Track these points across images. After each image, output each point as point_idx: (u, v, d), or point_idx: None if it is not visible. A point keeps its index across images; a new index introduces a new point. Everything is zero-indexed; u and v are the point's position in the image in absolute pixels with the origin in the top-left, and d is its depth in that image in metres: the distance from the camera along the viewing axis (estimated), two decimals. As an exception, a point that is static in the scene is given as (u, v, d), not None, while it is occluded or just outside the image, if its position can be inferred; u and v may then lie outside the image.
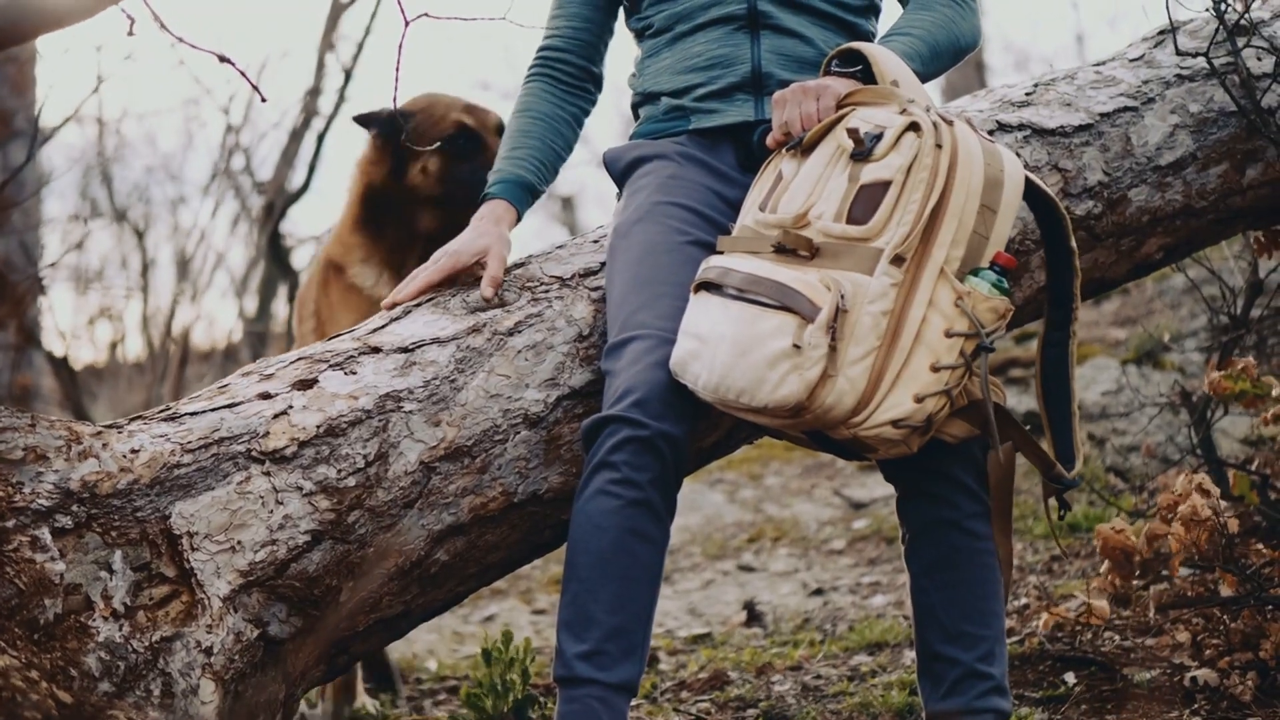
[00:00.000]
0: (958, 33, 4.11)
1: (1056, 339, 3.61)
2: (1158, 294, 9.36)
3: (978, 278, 3.30)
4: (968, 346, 3.28)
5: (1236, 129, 4.66)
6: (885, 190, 3.36)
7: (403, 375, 3.69)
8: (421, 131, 4.35)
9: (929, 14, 4.09)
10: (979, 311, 3.27)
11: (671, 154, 4.11)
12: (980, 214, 3.33)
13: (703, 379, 3.43)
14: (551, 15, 4.39)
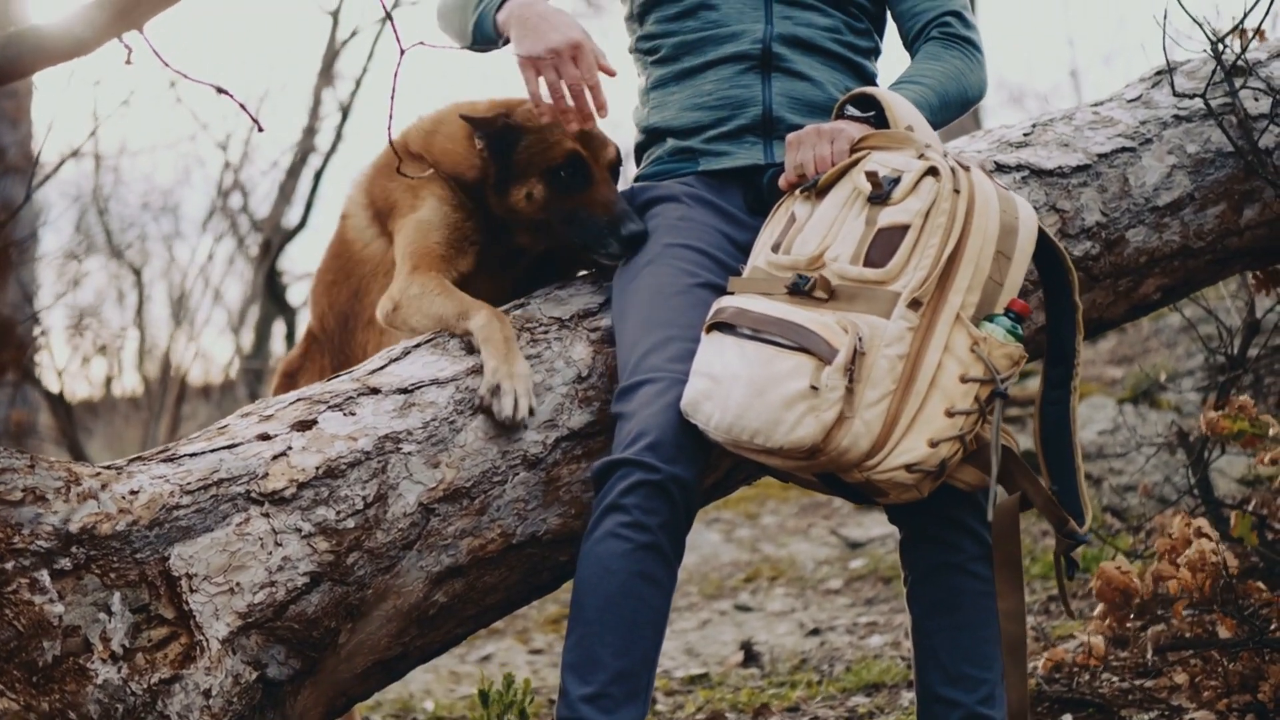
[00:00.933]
0: (966, 84, 4.13)
1: (1057, 397, 3.60)
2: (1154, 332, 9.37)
3: (993, 324, 3.31)
4: (982, 392, 3.29)
5: (1234, 169, 4.67)
6: (903, 234, 3.37)
7: (402, 416, 3.69)
8: (532, 153, 4.10)
9: (939, 64, 4.11)
10: (994, 357, 3.28)
11: (680, 196, 4.12)
12: (995, 260, 3.34)
13: (715, 419, 3.43)
14: None
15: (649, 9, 4.35)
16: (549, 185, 4.03)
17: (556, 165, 4.03)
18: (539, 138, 4.06)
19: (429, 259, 4.11)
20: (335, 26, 14.38)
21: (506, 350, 3.80)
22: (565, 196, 4.02)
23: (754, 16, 4.20)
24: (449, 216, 4.18)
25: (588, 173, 4.04)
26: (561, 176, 4.02)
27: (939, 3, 4.25)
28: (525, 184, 4.05)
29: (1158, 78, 4.93)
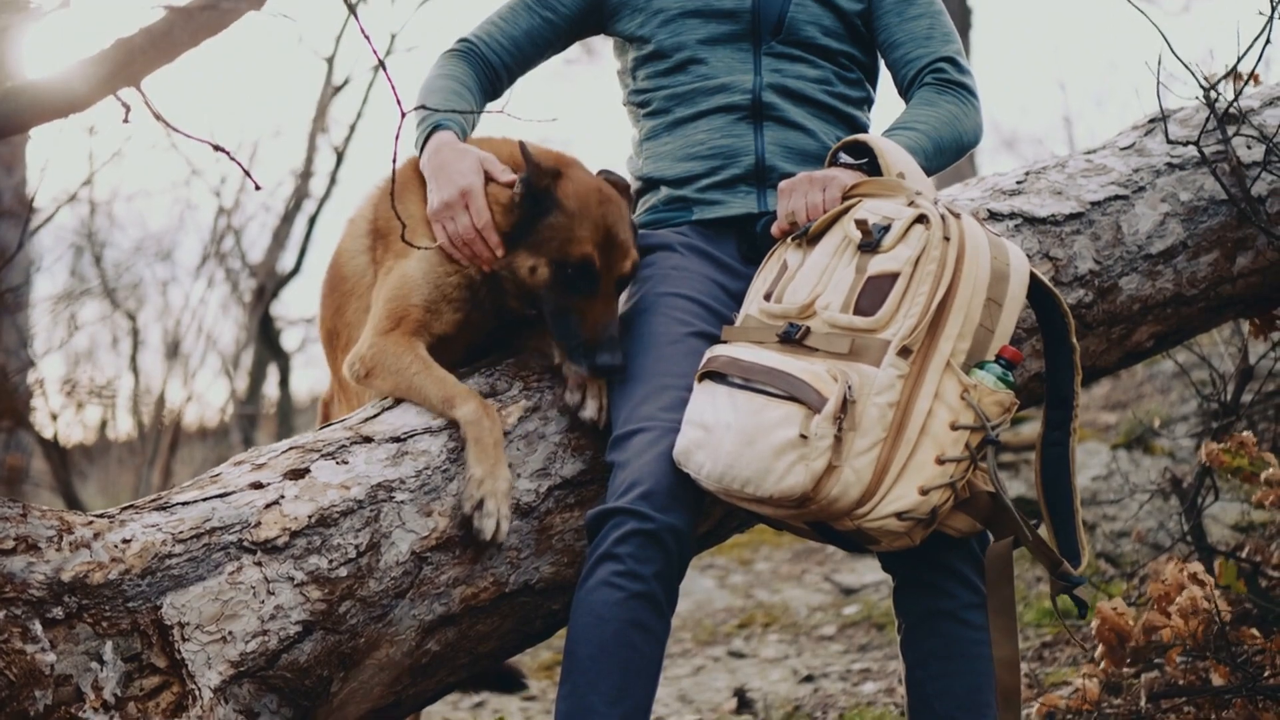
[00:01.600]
0: (961, 130, 4.14)
1: (1057, 439, 3.61)
2: (1148, 378, 9.39)
3: (983, 371, 3.32)
4: (973, 439, 3.29)
5: (1227, 217, 4.68)
6: (893, 282, 3.38)
7: (395, 465, 3.69)
8: (554, 234, 3.90)
9: (934, 109, 4.12)
10: (985, 405, 3.28)
11: (674, 244, 4.13)
12: (986, 307, 3.35)
13: (707, 468, 3.43)
14: (493, 21, 4.45)
15: (640, 64, 4.38)
16: (554, 274, 3.89)
17: (568, 261, 3.88)
18: (567, 223, 3.90)
19: (406, 321, 4.00)
20: (330, 72, 14.44)
21: (495, 457, 3.73)
22: (564, 292, 3.89)
23: (743, 69, 4.22)
24: (435, 273, 4.03)
25: (594, 282, 3.89)
26: (568, 273, 3.88)
27: (933, 49, 4.26)
28: (534, 258, 3.91)
29: (1151, 125, 4.95)
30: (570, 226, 3.88)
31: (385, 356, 3.92)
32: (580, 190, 3.93)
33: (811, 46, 4.26)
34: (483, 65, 4.34)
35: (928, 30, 4.30)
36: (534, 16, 4.37)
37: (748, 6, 4.24)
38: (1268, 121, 4.91)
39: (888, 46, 4.33)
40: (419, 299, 3.99)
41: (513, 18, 4.39)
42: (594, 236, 3.88)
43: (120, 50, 2.61)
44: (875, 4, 4.34)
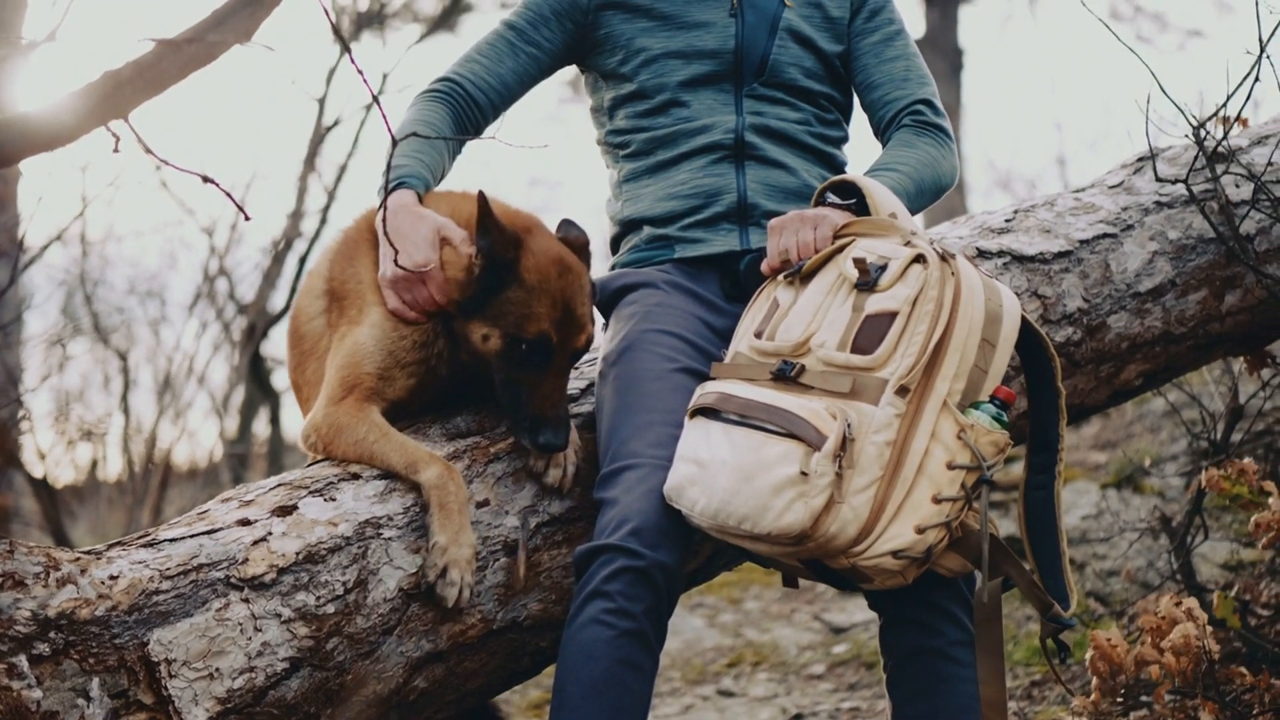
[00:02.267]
0: (940, 171, 4.16)
1: (1041, 483, 3.61)
2: (1138, 418, 9.40)
3: (979, 411, 3.34)
4: (969, 479, 3.30)
5: (1215, 255, 4.70)
6: (891, 321, 3.39)
7: (382, 502, 3.69)
8: (511, 308, 3.83)
9: (913, 151, 4.14)
10: (981, 444, 3.30)
11: (658, 282, 4.13)
12: (981, 348, 3.37)
13: (701, 504, 3.43)
14: (474, 58, 4.42)
15: (619, 105, 4.38)
16: (507, 346, 3.82)
17: (523, 337, 3.80)
18: (526, 298, 3.82)
19: (359, 389, 3.93)
20: (321, 113, 14.46)
21: (460, 523, 3.67)
22: (516, 365, 3.82)
23: (725, 111, 4.24)
24: (388, 339, 3.96)
25: (548, 359, 3.83)
26: (522, 349, 3.81)
27: (910, 91, 4.29)
28: (489, 328, 3.83)
29: (1139, 164, 4.97)
30: (529, 302, 3.82)
31: (341, 426, 3.87)
32: (541, 263, 3.85)
33: (793, 89, 4.28)
34: (465, 105, 4.32)
35: (904, 72, 4.33)
36: (517, 53, 4.37)
37: (730, 48, 4.26)
38: (1256, 160, 4.94)
39: (865, 87, 4.36)
40: (371, 367, 3.94)
41: (495, 55, 4.39)
42: (552, 314, 3.82)
43: (108, 83, 2.62)
44: (854, 46, 4.37)
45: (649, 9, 4.32)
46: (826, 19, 4.34)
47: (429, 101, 4.33)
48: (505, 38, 4.41)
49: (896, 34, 4.38)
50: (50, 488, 9.99)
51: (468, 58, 4.42)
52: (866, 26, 4.37)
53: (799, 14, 4.31)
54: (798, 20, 4.30)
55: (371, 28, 15.45)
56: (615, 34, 4.35)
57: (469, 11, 19.03)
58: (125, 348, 13.70)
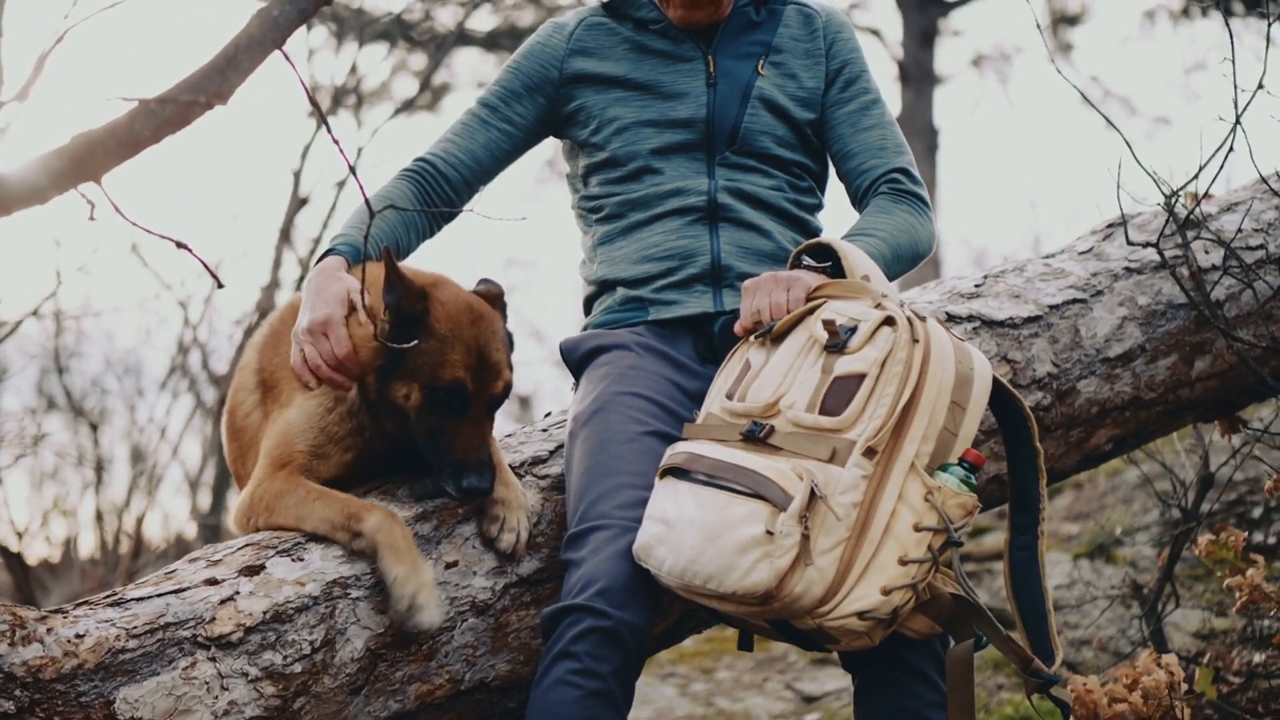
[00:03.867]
0: (916, 238, 4.18)
1: (1025, 543, 3.63)
2: (1110, 489, 9.40)
3: (947, 473, 3.34)
4: (935, 541, 3.30)
5: (1185, 321, 4.72)
6: (859, 383, 3.40)
7: (350, 563, 3.68)
8: (425, 360, 3.82)
9: (890, 217, 4.17)
10: (948, 507, 3.30)
11: (630, 344, 4.14)
12: (950, 411, 3.38)
13: (668, 564, 3.43)
14: (448, 138, 4.44)
15: (592, 171, 4.40)
16: (425, 397, 3.81)
17: (439, 385, 3.80)
18: (438, 347, 3.82)
19: (291, 465, 3.92)
20: (296, 186, 14.49)
21: (412, 556, 3.67)
22: (436, 415, 3.82)
23: (697, 176, 4.26)
24: (316, 414, 3.97)
25: (465, 406, 3.82)
26: (440, 397, 3.80)
27: (887, 160, 4.31)
28: (406, 384, 3.82)
29: (1109, 230, 5.00)
30: (442, 350, 3.81)
31: (273, 495, 3.85)
32: (451, 311, 3.86)
33: (765, 156, 4.30)
34: (433, 182, 4.34)
35: (881, 141, 4.35)
36: (490, 130, 4.39)
37: (702, 116, 4.28)
38: (1225, 226, 4.97)
39: (841, 156, 4.38)
40: (304, 445, 3.93)
41: (467, 132, 4.41)
42: (465, 360, 3.82)
43: (80, 144, 2.61)
44: (829, 115, 4.39)
45: (623, 79, 4.35)
46: (801, 88, 4.37)
47: (396, 180, 4.36)
48: (478, 115, 4.45)
49: (873, 103, 4.41)
50: (22, 560, 9.96)
51: (442, 138, 4.45)
52: (842, 96, 4.39)
53: (772, 82, 4.34)
54: (770, 89, 4.33)
55: (347, 105, 15.49)
56: (588, 105, 4.38)
57: (448, 92, 19.15)
58: (98, 421, 13.66)
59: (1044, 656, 3.50)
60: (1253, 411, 5.77)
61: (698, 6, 4.32)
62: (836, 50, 4.43)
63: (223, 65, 2.72)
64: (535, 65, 4.44)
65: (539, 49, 4.47)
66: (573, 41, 4.42)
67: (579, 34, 4.43)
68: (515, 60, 4.48)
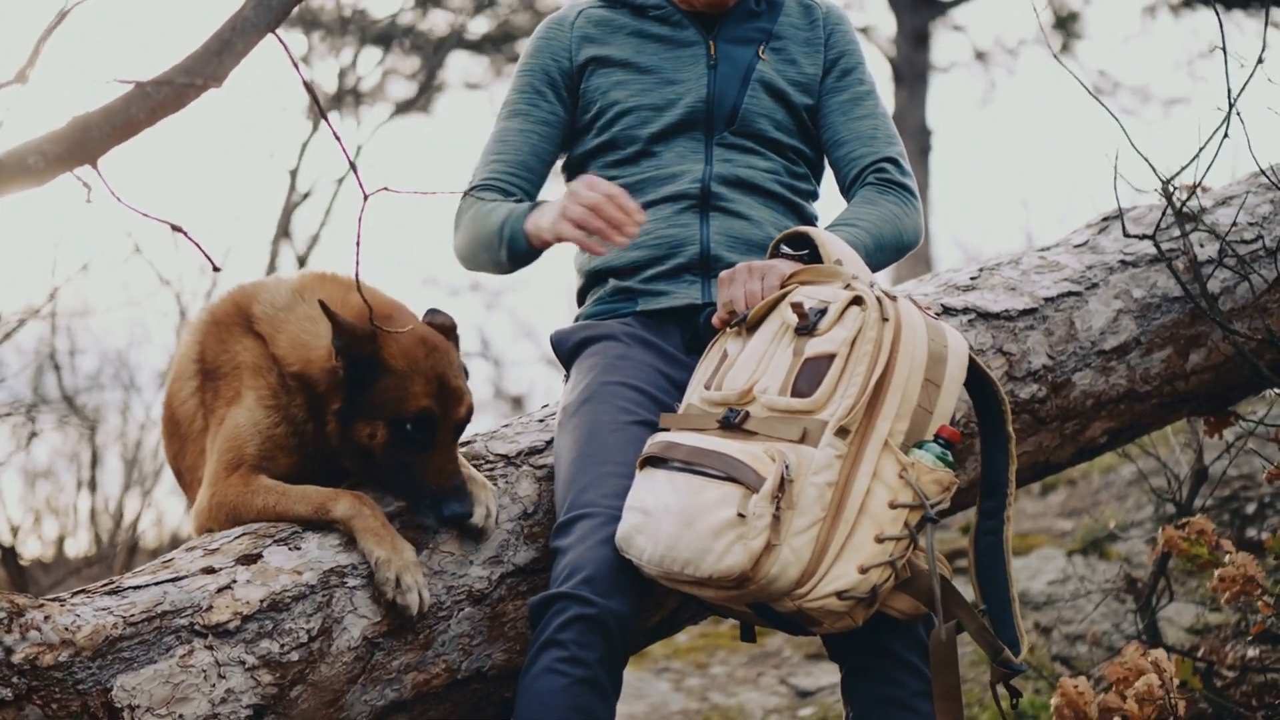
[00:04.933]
0: (901, 228, 4.18)
1: (990, 527, 3.62)
2: (1104, 485, 9.41)
3: (922, 450, 3.34)
4: (912, 518, 3.31)
5: (1180, 314, 4.73)
6: (830, 363, 3.41)
7: (347, 551, 3.69)
8: (387, 397, 3.80)
9: (875, 208, 4.17)
10: (923, 483, 3.30)
11: (619, 334, 4.15)
12: (924, 388, 3.38)
13: (648, 552, 3.43)
14: (490, 159, 4.39)
15: (590, 157, 4.38)
16: (392, 432, 3.80)
17: (405, 417, 3.79)
18: (398, 382, 3.81)
19: (243, 466, 3.90)
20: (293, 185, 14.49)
21: (390, 536, 3.69)
22: (404, 449, 3.81)
23: (694, 160, 4.26)
24: (262, 424, 3.96)
25: (433, 433, 3.82)
26: (407, 430, 3.79)
27: (877, 149, 4.31)
28: (370, 424, 3.81)
29: (1104, 223, 5.01)
30: (403, 385, 3.80)
31: (233, 497, 3.85)
32: (405, 346, 3.84)
33: (763, 139, 4.30)
34: None
35: (872, 130, 4.35)
36: (530, 136, 4.38)
37: (703, 97, 4.28)
38: (1220, 220, 4.98)
39: (832, 144, 4.38)
40: (253, 449, 3.91)
41: (510, 147, 4.38)
42: (427, 389, 3.81)
43: (77, 128, 2.62)
44: (823, 103, 4.39)
45: (626, 62, 4.34)
46: (800, 74, 4.37)
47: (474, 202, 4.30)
48: (513, 127, 4.42)
49: (866, 94, 4.41)
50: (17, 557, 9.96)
51: (486, 162, 4.40)
52: (837, 85, 4.40)
53: (773, 67, 4.34)
54: (771, 73, 4.33)
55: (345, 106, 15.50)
56: (591, 89, 4.37)
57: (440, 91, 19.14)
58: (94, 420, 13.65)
59: (1008, 643, 3.49)
60: (1246, 407, 5.78)
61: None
62: (835, 41, 4.44)
63: (217, 48, 2.73)
64: (548, 60, 4.43)
65: (546, 45, 4.46)
66: (575, 30, 4.41)
67: (580, 24, 4.43)
68: (526, 64, 4.46)
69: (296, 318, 4.02)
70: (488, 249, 4.18)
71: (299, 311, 4.04)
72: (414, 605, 3.64)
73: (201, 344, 4.14)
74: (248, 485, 3.85)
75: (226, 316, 4.13)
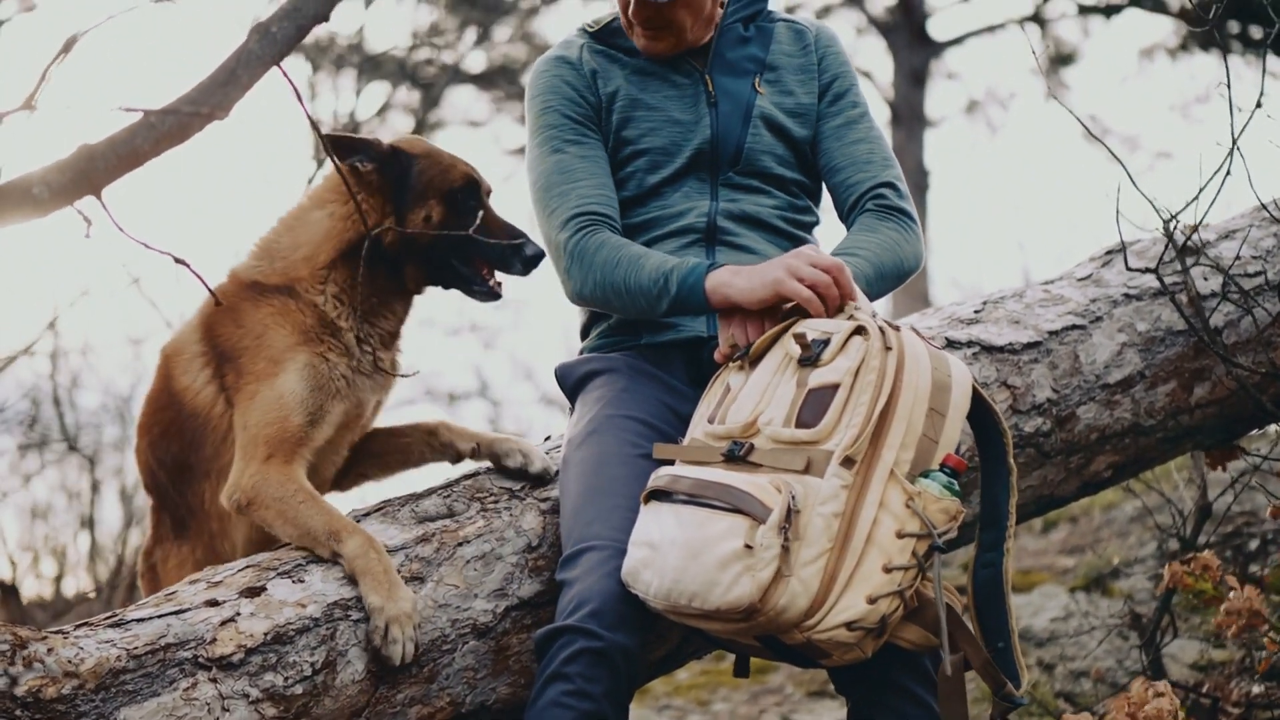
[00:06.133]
0: (902, 255, 4.16)
1: (990, 559, 3.60)
2: (1105, 522, 9.39)
3: (928, 479, 3.32)
4: (920, 547, 3.30)
5: (1184, 347, 4.72)
6: (834, 393, 3.39)
7: (351, 584, 3.68)
8: (429, 176, 4.08)
9: (875, 236, 4.15)
10: (930, 512, 3.29)
11: (622, 368, 4.14)
12: (929, 417, 3.37)
13: (654, 586, 3.42)
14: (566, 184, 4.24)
15: None
16: (447, 207, 4.06)
17: (455, 188, 4.08)
18: (432, 161, 4.10)
19: (286, 444, 3.94)
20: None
21: (389, 583, 3.70)
22: (461, 219, 4.04)
23: (700, 198, 4.23)
24: (318, 374, 4.03)
25: (479, 197, 4.10)
26: (459, 198, 4.07)
27: (873, 173, 4.28)
28: (424, 206, 4.06)
29: (1108, 257, 4.99)
30: (436, 163, 4.10)
31: (268, 486, 3.86)
32: (412, 141, 4.18)
33: (767, 176, 4.28)
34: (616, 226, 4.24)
35: (867, 155, 4.32)
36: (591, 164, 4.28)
37: (708, 137, 4.27)
38: (1224, 253, 4.97)
39: (829, 171, 4.34)
40: (300, 417, 3.96)
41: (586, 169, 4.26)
42: (456, 162, 4.12)
43: (82, 157, 2.61)
44: (818, 127, 4.37)
45: (634, 100, 4.29)
46: (797, 104, 4.35)
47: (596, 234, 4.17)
48: (570, 157, 4.29)
49: (860, 117, 4.38)
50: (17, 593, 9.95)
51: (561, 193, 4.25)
52: (830, 110, 4.37)
53: (771, 100, 4.32)
54: (770, 107, 4.31)
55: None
56: (607, 126, 4.36)
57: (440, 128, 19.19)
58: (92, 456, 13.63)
59: (1008, 676, 3.48)
60: (1249, 442, 5.77)
61: (658, 39, 4.26)
62: (827, 64, 4.41)
63: (223, 79, 2.73)
64: (573, 95, 4.35)
65: (563, 82, 4.37)
66: (585, 67, 4.36)
67: (587, 60, 4.38)
68: (548, 101, 4.35)
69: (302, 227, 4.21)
70: (639, 298, 4.05)
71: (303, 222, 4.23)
72: (396, 657, 3.63)
73: (209, 329, 4.16)
74: (286, 475, 3.89)
75: (233, 296, 4.15)
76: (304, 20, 2.77)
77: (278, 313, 4.07)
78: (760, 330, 3.77)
